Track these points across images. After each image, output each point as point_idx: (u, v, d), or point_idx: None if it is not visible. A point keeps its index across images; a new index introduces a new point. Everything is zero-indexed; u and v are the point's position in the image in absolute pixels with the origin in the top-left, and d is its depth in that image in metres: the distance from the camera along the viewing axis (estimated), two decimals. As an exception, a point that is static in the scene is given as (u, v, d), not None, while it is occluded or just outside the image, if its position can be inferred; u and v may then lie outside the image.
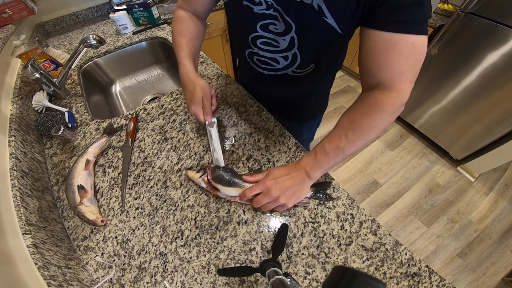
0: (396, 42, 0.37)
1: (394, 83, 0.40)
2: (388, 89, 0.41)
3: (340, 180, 1.58)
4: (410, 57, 0.38)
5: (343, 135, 0.45)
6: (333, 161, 0.47)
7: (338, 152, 0.46)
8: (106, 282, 0.43)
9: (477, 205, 1.46)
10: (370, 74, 0.42)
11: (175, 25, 0.59)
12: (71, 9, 1.28)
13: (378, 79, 0.41)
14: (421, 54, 0.39)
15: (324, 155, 0.47)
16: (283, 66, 0.58)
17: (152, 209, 0.51)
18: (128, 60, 1.08)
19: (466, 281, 1.21)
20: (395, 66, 0.39)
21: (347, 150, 0.45)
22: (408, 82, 0.41)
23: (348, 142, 0.45)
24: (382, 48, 0.38)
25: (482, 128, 1.38)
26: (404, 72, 0.39)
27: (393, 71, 0.39)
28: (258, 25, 0.50)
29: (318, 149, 0.48)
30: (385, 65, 0.39)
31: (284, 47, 0.53)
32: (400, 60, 0.38)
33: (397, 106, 0.42)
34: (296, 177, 0.48)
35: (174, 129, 0.66)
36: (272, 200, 0.46)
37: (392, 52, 0.38)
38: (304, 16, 0.43)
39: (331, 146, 0.46)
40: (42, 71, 0.71)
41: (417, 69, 0.40)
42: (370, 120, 0.43)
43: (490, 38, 1.16)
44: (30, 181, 0.52)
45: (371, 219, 0.48)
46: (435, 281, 0.42)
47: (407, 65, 0.39)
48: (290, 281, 0.32)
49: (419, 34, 0.36)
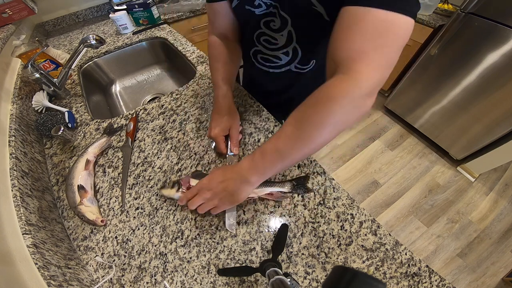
0: (361, 17, 0.31)
1: (352, 64, 0.33)
2: (345, 71, 0.33)
3: (340, 180, 1.58)
4: (376, 36, 0.31)
5: (282, 134, 0.38)
6: (270, 165, 0.40)
7: (276, 154, 0.38)
8: (106, 282, 0.43)
9: (477, 205, 1.46)
10: (331, 55, 0.36)
11: (209, 51, 0.60)
12: (71, 9, 1.28)
13: (337, 59, 0.35)
14: (395, 35, 0.32)
15: (260, 158, 0.40)
16: (285, 62, 0.59)
17: (152, 209, 0.51)
18: (128, 60, 1.08)
19: (466, 281, 1.21)
20: (356, 43, 0.32)
21: (286, 152, 0.38)
22: (370, 65, 0.32)
23: (288, 141, 0.37)
24: (345, 24, 0.33)
25: (482, 128, 1.38)
26: (366, 51, 0.32)
27: (352, 49, 0.33)
28: (261, 22, 0.51)
29: (258, 149, 0.42)
30: (345, 42, 0.33)
31: (283, 43, 0.54)
32: (362, 37, 0.32)
33: (352, 95, 0.33)
34: (230, 181, 0.43)
35: (174, 129, 0.66)
36: (205, 201, 0.45)
37: (353, 28, 0.32)
38: (297, 8, 0.44)
39: (270, 147, 0.40)
40: (42, 71, 0.71)
41: (388, 52, 0.32)
42: (315, 112, 0.35)
43: (490, 38, 1.16)
44: (30, 181, 0.52)
45: (371, 219, 0.48)
46: (435, 281, 0.42)
47: (372, 44, 0.32)
48: (290, 281, 0.32)
49: (394, 11, 0.30)
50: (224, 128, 0.55)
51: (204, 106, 0.71)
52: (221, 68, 0.58)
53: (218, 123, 0.55)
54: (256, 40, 0.57)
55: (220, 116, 0.56)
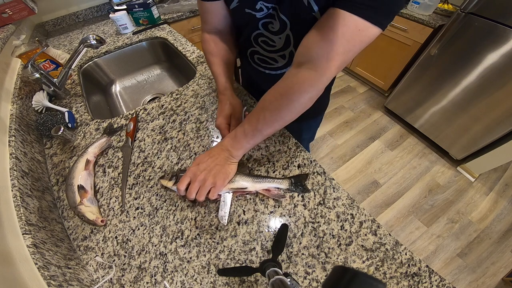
0: (344, 22, 0.35)
1: (324, 62, 0.39)
2: (315, 68, 0.40)
3: (340, 180, 1.58)
4: (351, 42, 0.36)
5: (261, 117, 0.47)
6: (252, 141, 0.49)
7: (256, 133, 0.48)
8: (106, 282, 0.43)
9: (477, 205, 1.46)
10: (306, 47, 0.41)
11: (204, 47, 0.61)
12: (71, 9, 1.28)
13: (311, 54, 0.40)
14: (363, 43, 0.37)
15: (243, 136, 0.49)
16: (282, 64, 0.59)
17: (152, 209, 0.51)
18: (128, 60, 1.08)
19: (466, 281, 1.21)
20: (333, 45, 0.37)
21: (264, 131, 0.48)
22: (336, 65, 0.39)
23: (265, 123, 0.46)
24: (329, 24, 0.37)
25: (482, 128, 1.38)
26: (338, 53, 0.37)
27: (328, 49, 0.38)
28: (260, 23, 0.51)
29: (238, 129, 0.50)
30: (325, 40, 0.38)
31: (280, 46, 0.54)
32: (339, 41, 0.36)
33: (317, 88, 0.42)
34: (218, 156, 0.49)
35: (174, 129, 0.66)
36: (201, 183, 0.46)
37: (336, 30, 0.36)
38: (296, 13, 0.44)
39: (249, 128, 0.48)
40: (42, 71, 0.71)
41: (351, 56, 0.38)
42: (288, 101, 0.43)
43: (490, 38, 1.16)
44: (30, 181, 0.52)
45: (371, 219, 0.48)
46: (435, 281, 0.42)
47: (344, 48, 0.37)
48: (290, 281, 0.32)
49: (372, 23, 0.34)
50: (226, 116, 0.58)
51: (204, 106, 0.71)
52: (219, 62, 0.60)
53: (221, 112, 0.58)
54: (254, 40, 0.56)
55: (222, 105, 0.59)
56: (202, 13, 0.57)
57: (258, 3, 0.46)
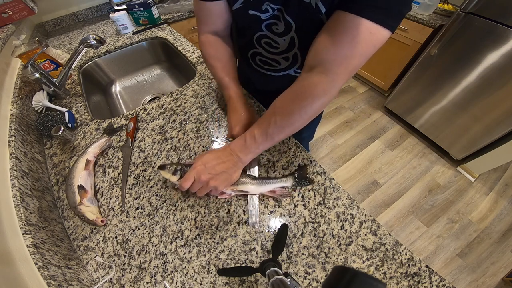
0: (354, 25, 0.34)
1: (335, 66, 0.38)
2: (326, 72, 0.39)
3: (340, 180, 1.58)
4: (363, 46, 0.36)
5: (272, 121, 0.45)
6: (262, 146, 0.48)
7: (266, 137, 0.46)
8: (106, 282, 0.43)
9: (477, 205, 1.46)
10: (317, 51, 0.41)
11: (205, 50, 0.59)
12: (71, 9, 1.28)
13: (322, 58, 0.39)
14: (375, 47, 0.36)
15: (253, 141, 0.47)
16: (284, 67, 0.58)
17: (152, 209, 0.51)
18: (128, 60, 1.08)
19: (466, 281, 1.21)
20: (344, 49, 0.36)
21: (275, 136, 0.46)
22: (348, 69, 0.38)
23: (276, 128, 0.45)
24: (340, 28, 0.36)
25: (482, 128, 1.38)
26: (349, 57, 0.37)
27: (340, 53, 0.37)
28: (264, 24, 0.50)
29: (248, 134, 0.48)
30: (336, 44, 0.37)
31: (284, 48, 0.53)
32: (350, 45, 0.36)
33: (329, 93, 0.41)
34: (226, 161, 0.48)
35: (174, 129, 0.66)
36: (203, 185, 0.46)
37: (347, 33, 0.35)
38: (303, 15, 0.43)
39: (259, 132, 0.47)
40: (42, 71, 0.71)
41: (364, 59, 0.37)
42: (300, 106, 0.42)
43: (490, 38, 1.16)
44: (30, 181, 0.52)
45: (371, 219, 0.48)
46: (435, 281, 0.42)
47: (356, 52, 0.36)
48: (290, 281, 0.32)
49: (384, 26, 0.34)
50: (245, 125, 0.56)
51: (204, 106, 0.71)
52: (224, 67, 0.58)
53: (238, 122, 0.56)
54: (256, 42, 0.55)
55: (238, 114, 0.57)
56: (200, 14, 0.55)
57: (264, 4, 0.45)
